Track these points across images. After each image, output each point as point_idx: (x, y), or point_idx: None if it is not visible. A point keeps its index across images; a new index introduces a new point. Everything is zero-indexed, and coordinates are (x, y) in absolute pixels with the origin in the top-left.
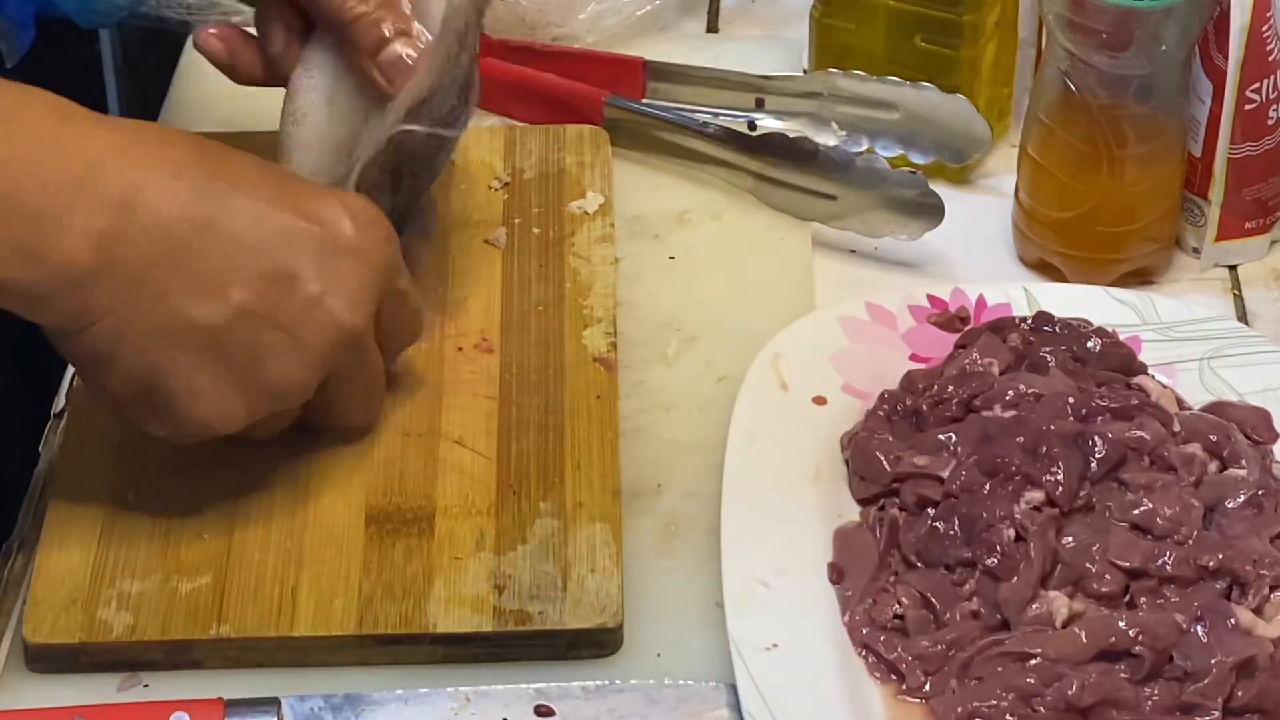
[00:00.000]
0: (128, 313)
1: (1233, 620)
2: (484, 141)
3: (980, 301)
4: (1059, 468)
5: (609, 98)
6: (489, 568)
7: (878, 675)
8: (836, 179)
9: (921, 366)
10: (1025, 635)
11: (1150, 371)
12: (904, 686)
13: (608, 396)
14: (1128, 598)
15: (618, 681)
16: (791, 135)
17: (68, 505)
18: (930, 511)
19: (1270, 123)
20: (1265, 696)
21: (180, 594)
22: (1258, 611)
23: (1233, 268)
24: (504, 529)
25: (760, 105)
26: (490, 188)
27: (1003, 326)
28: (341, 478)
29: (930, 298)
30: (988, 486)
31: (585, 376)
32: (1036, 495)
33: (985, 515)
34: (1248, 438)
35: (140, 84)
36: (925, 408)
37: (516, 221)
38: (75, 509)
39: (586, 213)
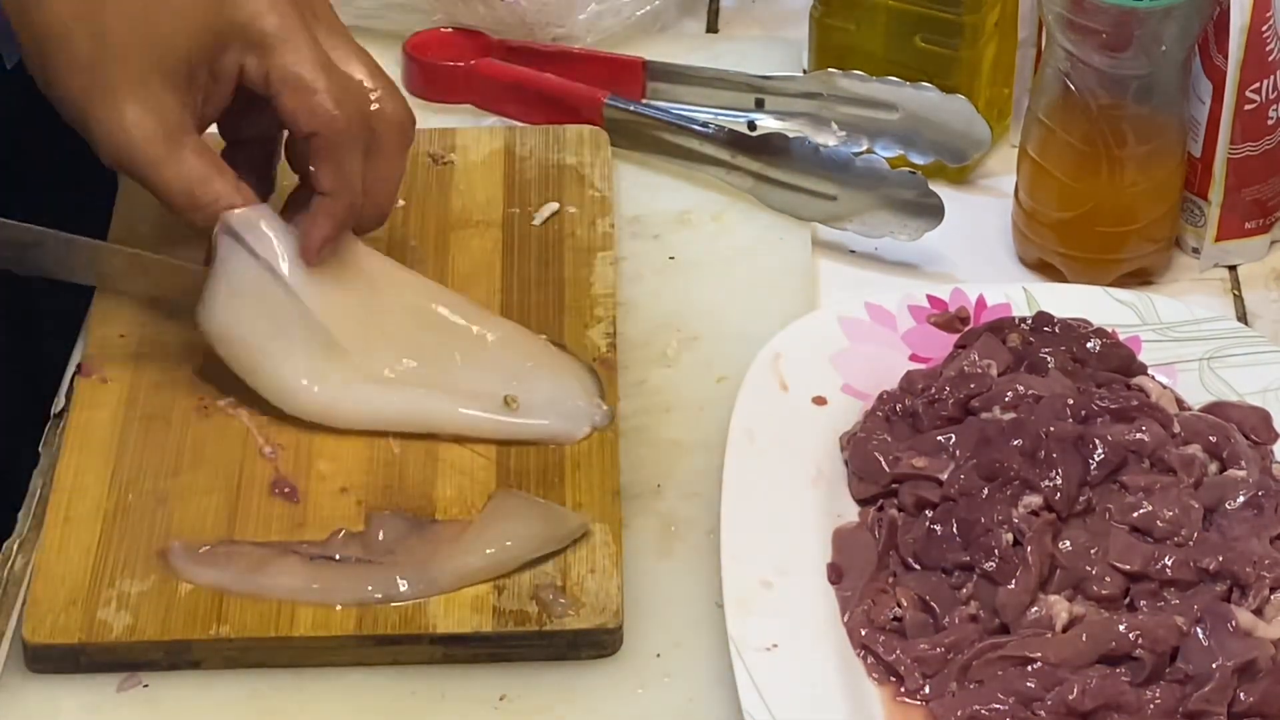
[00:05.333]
0: None
1: (1233, 623)
2: (484, 141)
3: (980, 302)
4: (1058, 473)
5: (609, 98)
6: None
7: (876, 676)
8: (836, 179)
9: (921, 367)
10: (1025, 639)
11: (1150, 372)
12: (903, 689)
13: (607, 396)
14: (1128, 600)
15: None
16: (791, 135)
17: (68, 505)
18: (928, 513)
19: (1270, 123)
20: (1268, 701)
21: (180, 594)
22: (1258, 613)
23: (1233, 268)
24: None
25: (760, 105)
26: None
27: (1002, 327)
28: (341, 477)
29: (930, 298)
30: (986, 490)
31: None
32: (1035, 500)
33: (983, 519)
34: (1247, 438)
35: None
36: (921, 408)
37: (517, 222)
38: (75, 509)
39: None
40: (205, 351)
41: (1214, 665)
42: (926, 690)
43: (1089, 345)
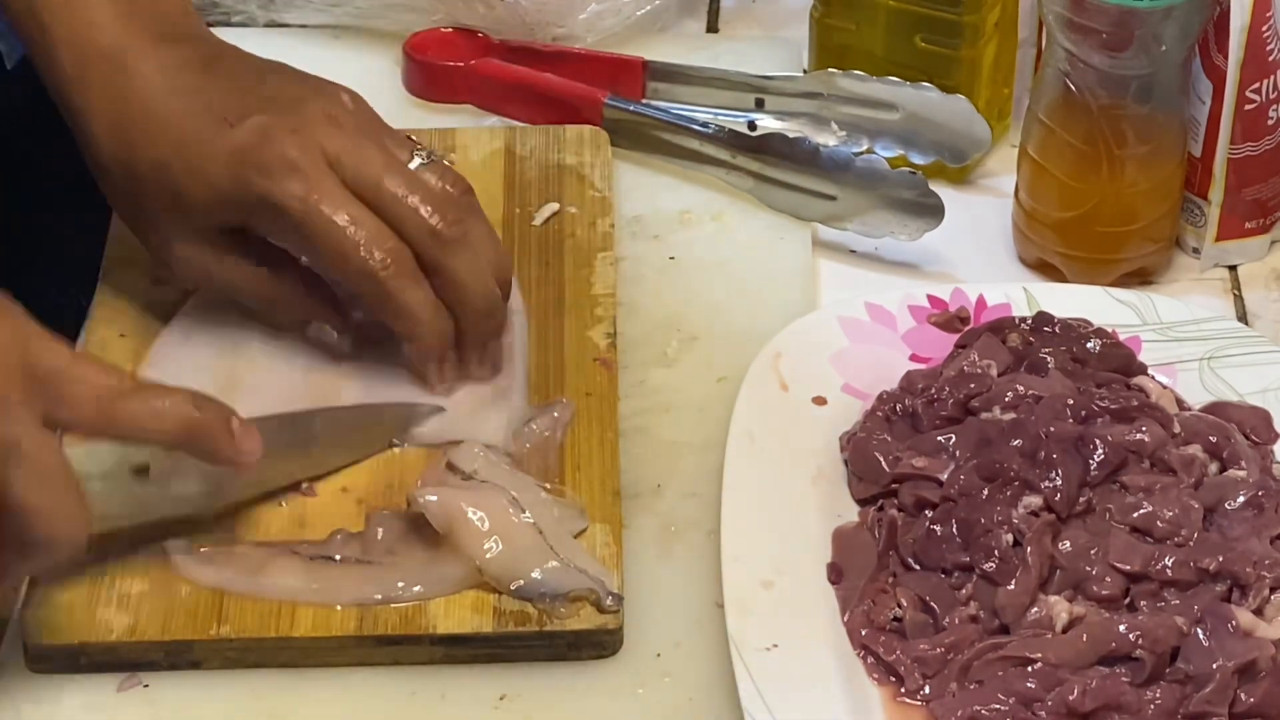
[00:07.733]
0: None
1: (1234, 623)
2: (484, 141)
3: (980, 301)
4: (1058, 474)
5: (609, 98)
6: None
7: (876, 676)
8: (836, 179)
9: (921, 367)
10: (1025, 639)
11: (1150, 372)
12: (903, 689)
13: (607, 397)
14: (1128, 601)
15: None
16: (791, 135)
17: None
18: (928, 514)
19: (1270, 123)
20: (1269, 702)
21: (180, 594)
22: (1258, 613)
23: (1233, 268)
24: None
25: (760, 105)
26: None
27: (1002, 327)
28: (341, 478)
29: (930, 298)
30: (986, 491)
31: (585, 376)
32: (1035, 500)
33: (983, 520)
34: (1247, 438)
35: None
36: (921, 408)
37: (517, 222)
38: None
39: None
40: None
41: (1214, 666)
42: (926, 690)
43: (1089, 345)
